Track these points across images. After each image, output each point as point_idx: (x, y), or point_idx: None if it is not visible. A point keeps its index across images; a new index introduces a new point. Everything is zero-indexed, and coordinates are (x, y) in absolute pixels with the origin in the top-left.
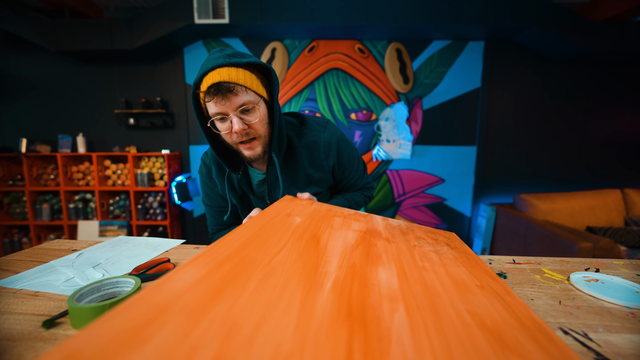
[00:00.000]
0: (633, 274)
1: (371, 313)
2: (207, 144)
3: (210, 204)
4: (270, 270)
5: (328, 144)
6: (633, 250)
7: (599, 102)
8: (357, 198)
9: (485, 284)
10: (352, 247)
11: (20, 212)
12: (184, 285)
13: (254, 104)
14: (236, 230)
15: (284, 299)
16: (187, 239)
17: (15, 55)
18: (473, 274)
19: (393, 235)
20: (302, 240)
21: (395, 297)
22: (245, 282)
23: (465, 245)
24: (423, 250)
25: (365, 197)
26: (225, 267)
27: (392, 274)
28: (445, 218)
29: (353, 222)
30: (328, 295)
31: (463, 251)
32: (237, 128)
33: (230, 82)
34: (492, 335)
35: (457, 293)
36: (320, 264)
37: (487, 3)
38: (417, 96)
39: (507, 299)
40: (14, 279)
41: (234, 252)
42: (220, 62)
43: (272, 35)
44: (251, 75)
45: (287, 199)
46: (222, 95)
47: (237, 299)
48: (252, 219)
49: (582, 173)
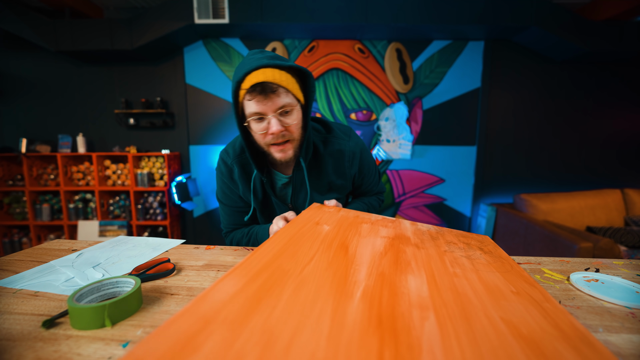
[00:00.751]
0: (633, 274)
1: (401, 322)
2: (207, 144)
3: (227, 203)
4: (302, 281)
5: (352, 153)
6: (633, 250)
7: (599, 102)
8: (373, 202)
9: (521, 290)
10: (380, 254)
11: (20, 212)
12: (225, 297)
13: (292, 107)
14: (269, 241)
15: (316, 308)
16: (187, 239)
17: (15, 55)
18: (508, 280)
19: (422, 241)
20: (331, 248)
21: (425, 306)
22: (279, 293)
23: (500, 249)
24: (454, 255)
25: (379, 201)
26: (261, 278)
27: (422, 281)
28: (445, 218)
29: (381, 228)
30: (358, 305)
31: (497, 255)
32: (275, 129)
33: (274, 83)
34: (528, 345)
35: (491, 300)
36: (349, 272)
37: (486, 3)
38: (417, 96)
39: (545, 306)
40: (14, 279)
41: (268, 263)
42: (265, 63)
43: (272, 35)
44: (292, 79)
45: (314, 207)
46: (264, 95)
47: (273, 309)
48: (282, 229)
49: (582, 173)
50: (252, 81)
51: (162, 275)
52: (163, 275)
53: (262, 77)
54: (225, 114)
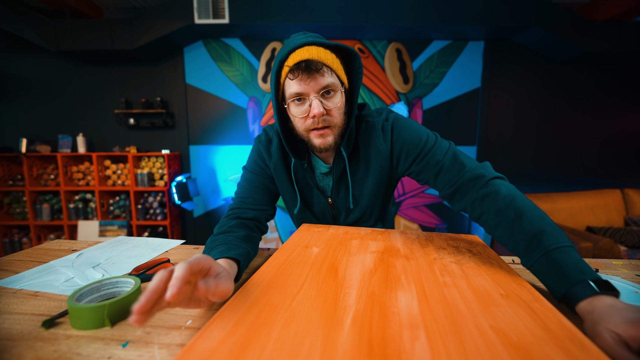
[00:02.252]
0: (632, 274)
1: (392, 346)
2: (207, 144)
3: (250, 169)
4: (291, 314)
5: (383, 126)
6: (633, 250)
7: (599, 102)
8: (519, 204)
9: (510, 292)
10: (370, 272)
11: (20, 212)
12: (213, 344)
13: (336, 88)
14: (260, 271)
15: (306, 343)
16: (187, 239)
17: (15, 55)
18: (497, 282)
19: (412, 251)
20: (320, 272)
21: (415, 324)
22: (268, 331)
23: (489, 248)
24: (443, 262)
25: (509, 189)
26: (250, 317)
27: (412, 296)
28: (445, 218)
29: (370, 243)
30: (348, 333)
31: (486, 256)
32: (316, 111)
33: (319, 61)
34: (518, 352)
35: (481, 308)
36: (339, 297)
37: (486, 3)
38: (417, 96)
39: (534, 306)
40: (14, 279)
41: (257, 298)
42: (310, 40)
43: (272, 35)
44: (337, 59)
45: (304, 228)
46: (308, 74)
47: (262, 351)
48: (273, 257)
49: (581, 173)
50: (296, 59)
51: None
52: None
53: (307, 54)
54: (226, 114)
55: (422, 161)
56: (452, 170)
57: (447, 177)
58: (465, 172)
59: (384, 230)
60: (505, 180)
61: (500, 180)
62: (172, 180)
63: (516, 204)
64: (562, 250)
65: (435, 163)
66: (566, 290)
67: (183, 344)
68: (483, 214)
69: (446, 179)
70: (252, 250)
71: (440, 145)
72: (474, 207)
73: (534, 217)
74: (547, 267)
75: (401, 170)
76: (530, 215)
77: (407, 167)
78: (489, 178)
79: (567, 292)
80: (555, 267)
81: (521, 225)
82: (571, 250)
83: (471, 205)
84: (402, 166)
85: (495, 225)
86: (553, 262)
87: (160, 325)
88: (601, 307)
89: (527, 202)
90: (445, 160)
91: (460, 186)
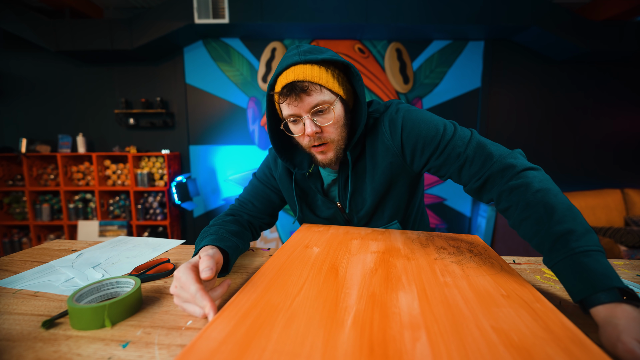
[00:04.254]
0: (633, 274)
1: (393, 346)
2: (207, 144)
3: (258, 176)
4: (292, 314)
5: (389, 121)
6: (633, 250)
7: (599, 102)
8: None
9: (511, 292)
10: (371, 272)
11: (20, 212)
12: (214, 344)
13: (328, 104)
14: (260, 272)
15: (306, 344)
16: (187, 239)
17: (15, 55)
18: (498, 283)
19: (412, 251)
20: (321, 273)
21: (416, 325)
22: (269, 332)
23: (490, 249)
24: (444, 262)
25: (543, 183)
26: (250, 318)
27: (412, 297)
28: (446, 218)
29: (371, 243)
30: (349, 333)
31: (487, 256)
32: (309, 131)
33: (305, 81)
34: (519, 353)
35: (482, 308)
36: (340, 297)
37: (486, 3)
38: (417, 96)
39: (535, 307)
40: (13, 279)
41: (258, 299)
42: (295, 60)
43: (272, 35)
44: (327, 72)
45: (304, 228)
46: (295, 96)
47: (263, 351)
48: (273, 257)
49: (582, 173)
50: (281, 83)
51: (162, 275)
52: (163, 275)
53: (292, 76)
54: (226, 114)
55: (441, 155)
56: (477, 162)
57: (473, 169)
58: (493, 162)
59: (385, 230)
60: (540, 171)
61: (533, 172)
62: (172, 180)
63: (548, 199)
64: (590, 254)
65: (456, 155)
66: (588, 296)
67: (183, 345)
68: (510, 207)
69: (472, 171)
70: (241, 245)
71: (461, 135)
72: (500, 198)
73: (565, 216)
74: (572, 269)
75: (417, 166)
76: (561, 214)
77: (425, 163)
78: (521, 169)
79: (589, 297)
80: (580, 272)
81: (550, 223)
82: (599, 255)
83: (498, 197)
84: (418, 162)
85: (520, 220)
86: (578, 266)
87: (161, 325)
88: (628, 316)
89: (561, 199)
90: (468, 151)
91: (489, 178)
